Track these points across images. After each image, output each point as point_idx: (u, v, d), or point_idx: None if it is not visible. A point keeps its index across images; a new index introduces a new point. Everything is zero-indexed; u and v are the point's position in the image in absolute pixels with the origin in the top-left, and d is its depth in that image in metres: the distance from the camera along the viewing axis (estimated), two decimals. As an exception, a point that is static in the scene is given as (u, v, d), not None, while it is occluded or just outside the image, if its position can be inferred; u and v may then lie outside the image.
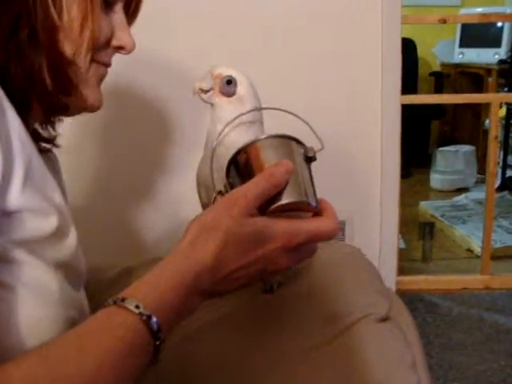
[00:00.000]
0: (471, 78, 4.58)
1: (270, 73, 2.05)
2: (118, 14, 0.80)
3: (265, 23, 2.02)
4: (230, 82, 0.98)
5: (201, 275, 0.64)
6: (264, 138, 0.73)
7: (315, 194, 0.72)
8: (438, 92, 4.60)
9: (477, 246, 2.90)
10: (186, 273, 0.63)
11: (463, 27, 4.49)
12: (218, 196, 0.75)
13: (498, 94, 3.65)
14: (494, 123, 2.46)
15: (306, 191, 0.70)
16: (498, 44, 4.20)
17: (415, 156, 4.39)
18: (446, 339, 2.10)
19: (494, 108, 2.44)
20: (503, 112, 3.77)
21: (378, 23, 2.04)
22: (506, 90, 3.86)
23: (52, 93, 0.73)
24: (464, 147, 4.27)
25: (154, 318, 0.60)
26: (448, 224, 3.33)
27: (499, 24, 4.20)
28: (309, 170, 0.74)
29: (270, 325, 0.95)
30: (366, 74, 2.08)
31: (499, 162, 3.83)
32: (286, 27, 2.03)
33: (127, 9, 0.84)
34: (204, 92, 0.99)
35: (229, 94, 0.98)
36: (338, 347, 0.89)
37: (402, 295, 1.22)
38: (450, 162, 4.17)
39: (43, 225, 0.66)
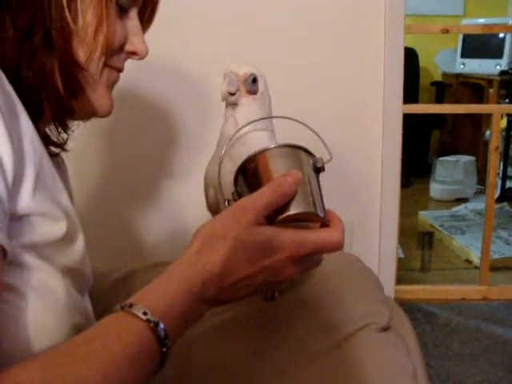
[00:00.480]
0: (472, 89, 4.59)
1: (272, 80, 2.05)
2: (133, 19, 0.80)
3: (268, 32, 2.02)
4: (255, 79, 0.98)
5: (208, 283, 0.64)
6: (273, 148, 0.72)
7: (323, 204, 0.72)
8: (438, 102, 4.61)
9: (475, 257, 2.89)
10: (193, 281, 0.63)
11: (465, 38, 4.51)
12: (226, 204, 0.75)
13: (499, 105, 3.65)
14: (495, 134, 2.46)
15: (314, 202, 0.70)
16: (499, 55, 4.20)
17: (415, 165, 4.39)
18: (444, 349, 2.10)
19: (495, 119, 2.44)
20: (504, 123, 3.77)
21: (381, 32, 2.04)
22: (507, 101, 3.87)
23: (62, 96, 0.73)
24: (464, 157, 4.28)
25: (162, 325, 0.60)
26: (447, 234, 3.33)
27: (501, 35, 4.21)
28: (317, 180, 0.74)
29: (270, 333, 0.95)
30: (369, 82, 2.09)
31: (499, 173, 3.83)
32: (288, 36, 2.03)
33: (142, 15, 0.84)
34: (232, 95, 0.97)
35: (254, 92, 0.98)
36: (338, 356, 0.88)
37: (400, 305, 1.22)
38: (450, 172, 4.17)
39: (53, 229, 0.66)
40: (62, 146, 0.87)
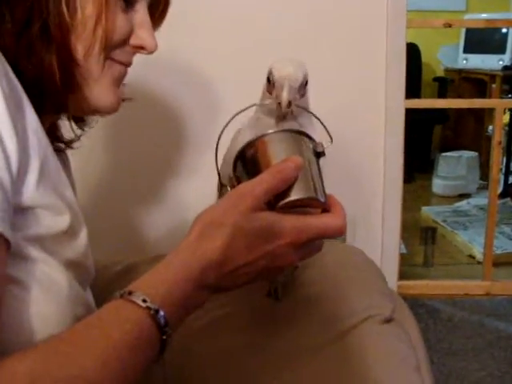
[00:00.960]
0: (475, 84, 4.57)
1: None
2: (140, 12, 0.78)
3: (271, 27, 2.02)
4: (307, 82, 0.92)
5: (207, 270, 0.64)
6: (273, 132, 0.72)
7: (324, 189, 0.71)
8: (441, 97, 4.60)
9: (478, 252, 2.89)
10: (192, 268, 0.63)
11: (467, 33, 4.50)
12: (224, 189, 0.75)
13: (502, 99, 3.64)
14: (498, 129, 2.46)
15: (314, 187, 0.70)
16: (502, 50, 4.20)
17: (418, 161, 4.39)
18: (447, 345, 2.10)
19: (498, 114, 2.44)
20: (507, 118, 3.76)
21: (383, 27, 2.03)
22: (510, 96, 3.86)
23: (59, 91, 0.72)
24: (467, 153, 4.27)
25: (162, 312, 0.59)
26: (450, 229, 3.32)
27: (504, 30, 4.20)
28: (318, 165, 0.73)
29: (273, 325, 0.95)
30: (371, 77, 2.08)
31: (502, 169, 3.82)
32: (290, 32, 2.02)
33: (154, 10, 0.83)
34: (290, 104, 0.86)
35: (303, 95, 0.92)
36: (341, 348, 0.88)
37: (403, 300, 1.22)
38: (453, 168, 4.16)
39: (57, 222, 0.66)
40: (68, 142, 0.87)
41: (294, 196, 0.68)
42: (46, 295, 0.64)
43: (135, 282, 0.63)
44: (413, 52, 4.33)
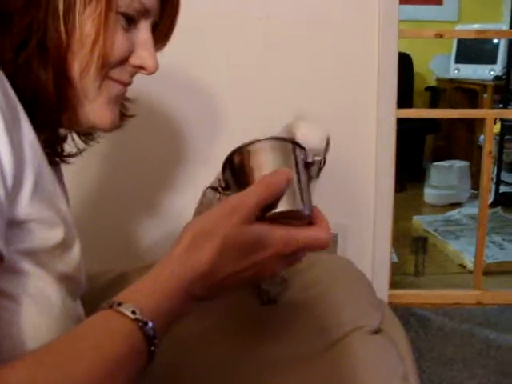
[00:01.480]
0: (466, 94, 4.60)
1: (267, 83, 2.05)
2: (143, 32, 0.78)
3: (265, 34, 2.03)
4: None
5: (196, 282, 0.64)
6: (264, 140, 0.72)
7: (311, 202, 0.72)
8: (433, 107, 4.62)
9: (469, 262, 2.89)
10: (181, 280, 0.63)
11: (459, 43, 4.52)
12: (208, 190, 0.75)
13: (492, 109, 3.66)
14: (489, 139, 2.47)
15: (301, 200, 0.70)
16: (493, 60, 4.22)
17: (409, 170, 4.40)
18: (437, 354, 2.10)
19: (489, 123, 2.45)
20: (498, 128, 3.78)
21: (375, 36, 2.04)
22: (501, 106, 3.88)
23: (55, 108, 0.72)
24: (458, 162, 4.28)
25: (150, 324, 0.59)
26: (441, 239, 3.33)
27: (495, 41, 4.23)
28: (306, 175, 0.73)
29: (261, 335, 0.95)
30: (363, 86, 2.09)
31: (493, 178, 3.84)
32: (281, 40, 2.03)
33: (159, 30, 0.83)
34: None
35: None
36: (329, 359, 0.89)
37: (393, 309, 1.22)
38: (444, 177, 4.17)
39: (50, 236, 0.66)
40: (67, 156, 0.86)
41: (280, 208, 0.68)
42: (37, 308, 0.64)
43: (124, 291, 0.62)
44: (405, 62, 4.35)
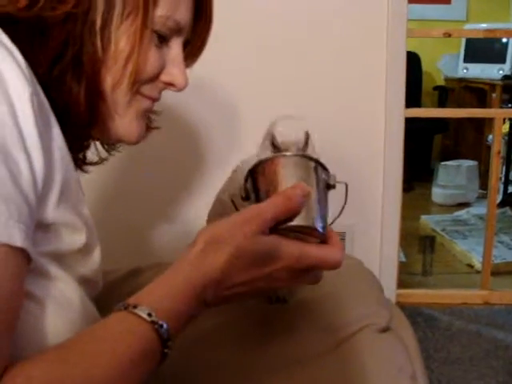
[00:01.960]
0: (475, 93, 4.58)
1: (275, 83, 2.06)
2: (174, 49, 0.78)
3: (272, 34, 2.04)
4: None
5: (207, 287, 0.65)
6: (291, 155, 0.73)
7: (326, 221, 0.72)
8: (441, 106, 4.61)
9: (477, 261, 2.89)
10: (195, 284, 0.64)
11: (468, 42, 4.51)
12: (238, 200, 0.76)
13: (501, 109, 3.65)
14: (497, 138, 2.46)
15: (317, 217, 0.71)
16: (502, 60, 4.20)
17: (417, 170, 4.39)
18: (445, 354, 2.09)
19: (498, 123, 2.44)
20: (506, 128, 3.77)
21: (384, 36, 2.04)
22: (510, 105, 3.87)
23: (85, 121, 0.72)
24: (466, 162, 4.28)
25: (166, 327, 0.60)
26: (449, 238, 3.32)
27: (504, 40, 4.21)
28: (326, 196, 0.74)
29: (270, 334, 0.95)
30: (371, 86, 2.09)
31: (501, 178, 3.83)
32: (290, 40, 2.04)
33: (191, 48, 0.84)
34: None
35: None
36: (337, 357, 0.89)
37: (401, 308, 1.22)
38: (452, 177, 4.17)
39: (74, 239, 0.67)
40: (89, 164, 0.87)
41: (295, 222, 0.69)
42: (59, 311, 0.65)
43: (139, 293, 0.64)
44: (413, 61, 4.34)
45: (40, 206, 0.60)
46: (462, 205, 4.07)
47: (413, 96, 3.62)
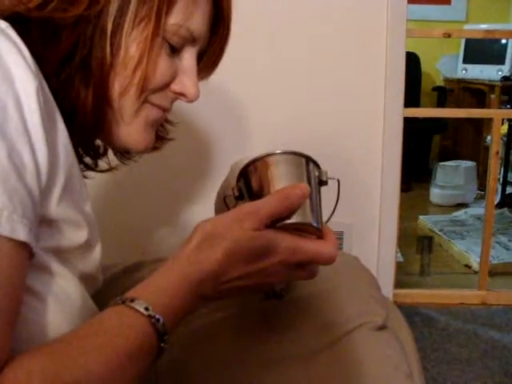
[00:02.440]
0: (474, 94, 4.59)
1: (275, 81, 2.06)
2: (187, 59, 0.77)
3: (270, 34, 2.04)
4: None
5: (203, 281, 0.65)
6: (283, 153, 0.73)
7: (321, 217, 0.73)
8: (440, 107, 4.61)
9: (475, 262, 2.89)
10: (191, 279, 0.65)
11: (467, 43, 4.51)
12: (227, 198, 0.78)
13: (500, 109, 3.65)
14: (496, 139, 2.46)
15: (313, 214, 0.71)
16: (501, 61, 4.21)
17: (416, 170, 4.40)
18: (441, 353, 2.10)
19: (496, 124, 2.45)
20: (505, 129, 3.77)
21: (383, 36, 2.04)
22: (509, 106, 3.87)
23: (91, 126, 0.72)
24: (465, 163, 4.28)
25: (162, 321, 0.61)
26: (446, 239, 3.32)
27: (503, 41, 4.21)
28: (319, 192, 0.75)
29: (266, 330, 0.95)
30: (370, 86, 2.09)
31: (499, 179, 3.83)
32: (290, 40, 2.04)
33: (207, 59, 0.83)
34: None
35: None
36: (334, 355, 0.89)
37: (398, 308, 1.22)
38: (451, 177, 4.17)
39: (76, 236, 0.68)
40: (89, 169, 0.88)
41: (292, 219, 0.70)
42: (59, 306, 0.65)
43: (135, 288, 0.64)
44: (412, 61, 4.34)
45: (43, 201, 0.60)
46: (460, 205, 4.07)
47: (412, 97, 3.62)
